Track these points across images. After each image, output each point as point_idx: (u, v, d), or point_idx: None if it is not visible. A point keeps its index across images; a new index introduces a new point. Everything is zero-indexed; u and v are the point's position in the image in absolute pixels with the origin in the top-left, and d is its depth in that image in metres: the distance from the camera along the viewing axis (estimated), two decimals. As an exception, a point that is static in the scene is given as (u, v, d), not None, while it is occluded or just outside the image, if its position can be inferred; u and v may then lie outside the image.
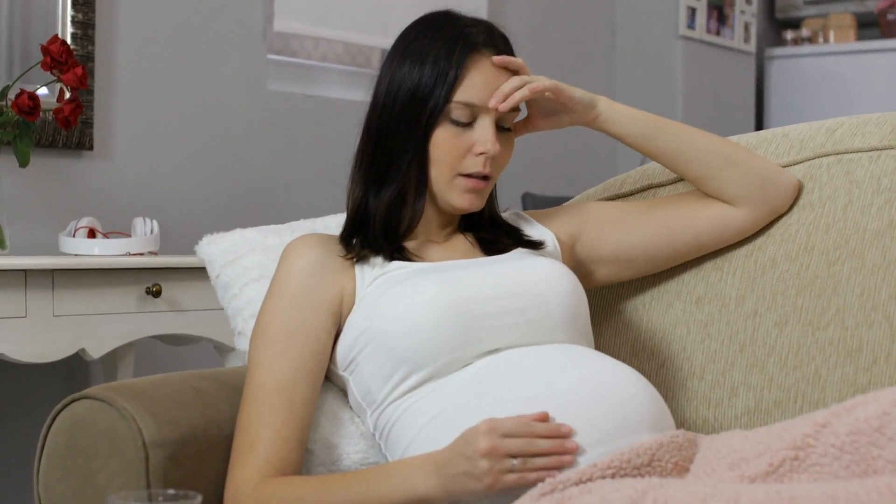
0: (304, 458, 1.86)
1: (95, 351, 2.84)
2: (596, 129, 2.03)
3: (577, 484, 1.58)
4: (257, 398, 1.83)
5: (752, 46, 6.17)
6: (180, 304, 3.01)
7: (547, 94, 1.94)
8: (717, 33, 5.87)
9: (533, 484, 1.61)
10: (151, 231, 3.12)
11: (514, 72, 1.92)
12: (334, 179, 2.12)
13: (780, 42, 6.69)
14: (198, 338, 3.10)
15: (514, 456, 1.63)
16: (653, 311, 2.15)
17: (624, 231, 2.07)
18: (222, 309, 2.59)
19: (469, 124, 1.89)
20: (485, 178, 1.91)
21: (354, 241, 1.93)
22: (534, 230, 2.06)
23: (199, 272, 2.95)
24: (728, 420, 2.04)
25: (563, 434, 1.66)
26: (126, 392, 1.86)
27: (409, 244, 1.96)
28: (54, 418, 1.88)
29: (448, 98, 1.87)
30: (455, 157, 1.89)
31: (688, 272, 2.13)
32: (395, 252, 1.92)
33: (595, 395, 1.73)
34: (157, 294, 2.93)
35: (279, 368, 1.84)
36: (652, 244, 2.07)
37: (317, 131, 4.09)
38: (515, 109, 1.93)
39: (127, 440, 1.80)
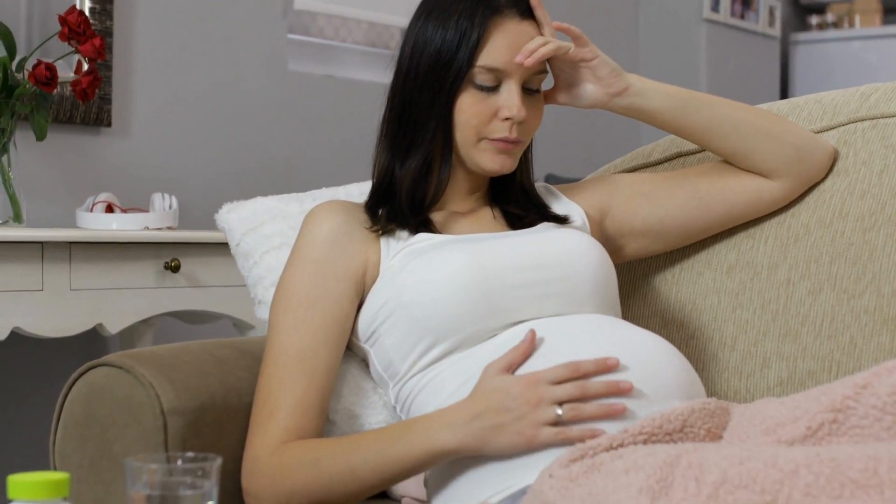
0: (325, 428, 1.82)
1: (113, 326, 2.81)
2: (623, 108, 1.96)
3: (607, 450, 1.54)
4: (277, 365, 1.79)
5: (776, 31, 6.11)
6: (199, 280, 2.97)
7: (572, 51, 1.89)
8: (742, 17, 5.82)
9: (574, 441, 1.57)
10: (170, 206, 3.08)
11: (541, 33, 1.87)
12: (353, 160, 2.09)
13: (805, 27, 6.63)
14: (217, 315, 3.07)
15: (561, 403, 1.59)
16: (682, 281, 2.10)
17: (654, 204, 2.02)
18: (242, 285, 2.55)
19: (494, 88, 1.84)
20: (516, 141, 1.86)
21: (380, 212, 1.89)
22: (561, 205, 2.01)
23: (219, 248, 2.92)
24: (760, 391, 1.99)
25: (611, 366, 1.63)
26: (144, 359, 1.82)
27: (435, 216, 1.91)
28: (71, 386, 1.84)
29: (471, 62, 1.82)
30: (481, 121, 1.84)
31: (718, 241, 2.08)
32: (420, 225, 1.87)
33: (624, 364, 1.68)
34: (175, 269, 2.89)
35: (300, 336, 1.80)
36: (683, 217, 2.02)
37: (337, 112, 4.05)
38: (543, 71, 1.88)
39: (145, 408, 1.76)
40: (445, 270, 1.77)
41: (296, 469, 1.72)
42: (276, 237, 2.03)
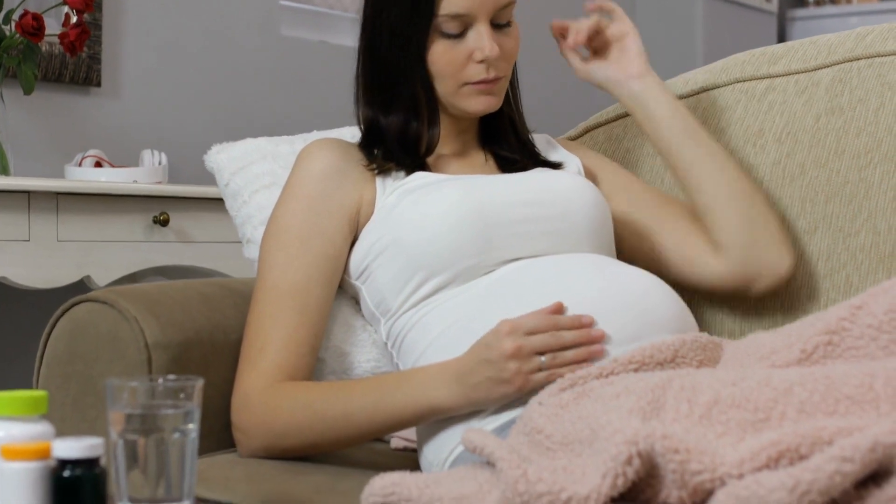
0: (315, 366, 1.79)
1: (101, 279, 2.78)
2: (630, 95, 1.93)
3: (597, 378, 1.51)
4: (269, 300, 1.76)
5: (773, 6, 6.08)
6: (189, 236, 2.94)
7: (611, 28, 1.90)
8: (738, -8, 5.79)
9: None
10: (160, 163, 3.05)
11: None
12: (345, 126, 2.07)
13: (802, 3, 6.60)
14: (206, 271, 3.04)
15: (541, 353, 1.56)
16: (676, 223, 2.07)
17: (617, 202, 1.97)
18: (232, 242, 2.53)
19: (462, 33, 1.81)
20: (495, 78, 1.84)
21: (376, 151, 1.86)
22: (558, 154, 2.00)
23: (209, 203, 2.90)
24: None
25: (586, 324, 1.59)
26: (129, 294, 1.79)
27: (429, 159, 1.88)
28: (55, 324, 1.82)
29: (433, 12, 1.79)
30: (456, 68, 1.82)
31: (712, 183, 2.05)
32: (416, 166, 1.85)
33: (618, 302, 1.66)
34: (164, 223, 2.86)
35: (293, 271, 1.77)
36: (619, 233, 1.94)
37: (330, 78, 4.02)
38: (510, 3, 1.84)
39: (129, 342, 1.73)
40: (441, 205, 1.75)
41: (288, 410, 1.69)
42: (267, 176, 2.00)
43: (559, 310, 1.61)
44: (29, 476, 1.20)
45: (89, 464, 1.20)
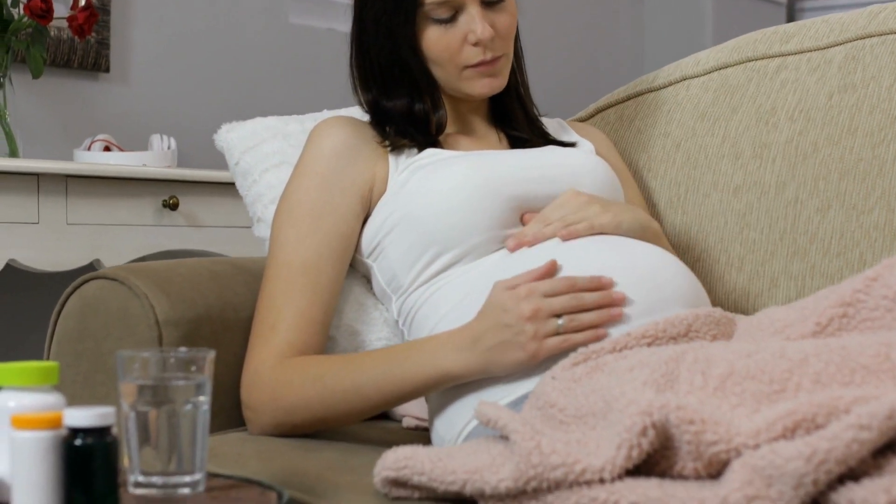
0: (326, 344, 1.78)
1: (110, 262, 2.77)
2: None
3: (610, 352, 1.50)
4: (280, 278, 1.75)
5: (782, -4, 6.06)
6: (198, 220, 2.93)
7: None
8: (747, -18, 5.77)
9: (579, 347, 1.54)
10: (169, 147, 3.05)
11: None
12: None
13: (810, -8, 6.58)
14: (215, 255, 3.03)
15: (558, 315, 1.55)
16: (689, 203, 2.07)
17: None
18: (241, 227, 2.52)
19: (454, 17, 1.80)
20: (494, 59, 1.82)
21: (388, 129, 1.85)
22: (569, 137, 1.99)
23: (218, 188, 2.89)
24: (768, 311, 1.95)
25: (605, 285, 1.58)
26: (139, 272, 1.79)
27: (441, 137, 1.88)
28: (65, 302, 1.81)
29: (417, 2, 1.79)
30: (453, 53, 1.81)
31: (724, 161, 2.05)
32: (428, 143, 1.84)
33: (630, 276, 1.64)
34: (174, 207, 2.86)
35: (305, 249, 1.76)
36: None
37: (337, 66, 4.00)
38: None
39: (139, 319, 1.73)
40: (452, 181, 1.74)
41: (298, 384, 1.68)
42: (276, 155, 1.99)
43: (552, 268, 1.60)
44: (40, 445, 1.19)
45: (101, 432, 1.19)
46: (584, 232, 1.68)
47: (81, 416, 1.19)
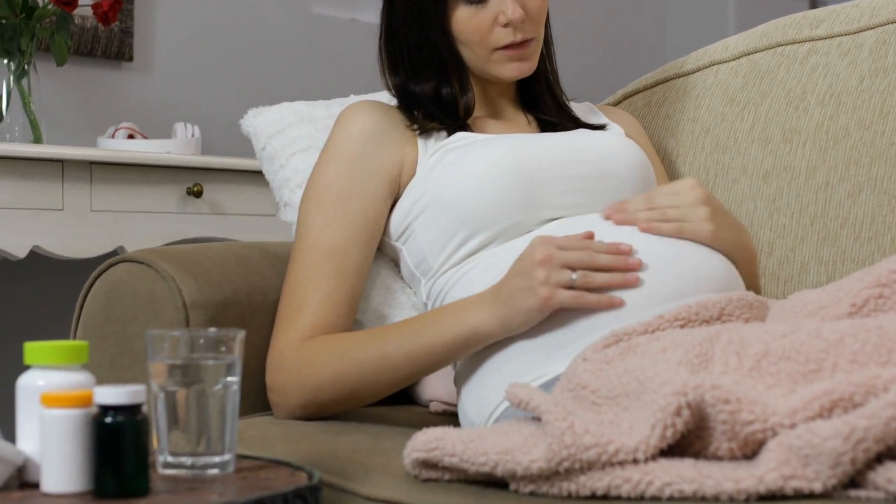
0: (352, 328, 1.77)
1: (134, 249, 2.75)
2: None
3: (643, 334, 1.49)
4: (307, 261, 1.74)
5: (806, -15, 6.04)
6: (222, 208, 2.93)
7: None
8: (770, -28, 5.74)
9: (592, 308, 1.54)
10: (193, 135, 3.04)
11: None
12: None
13: (834, -17, 6.55)
14: (239, 244, 3.03)
15: (573, 269, 1.54)
16: (718, 188, 2.05)
17: None
18: (265, 215, 2.51)
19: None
20: (524, 42, 1.81)
21: (416, 112, 1.84)
22: (599, 120, 1.98)
23: (243, 176, 2.89)
24: (798, 297, 1.94)
25: (623, 251, 1.57)
26: (166, 255, 1.78)
27: (470, 120, 1.87)
28: (91, 285, 1.80)
29: None
30: (483, 34, 1.80)
31: (754, 146, 2.03)
32: (458, 127, 1.83)
33: (663, 258, 1.63)
34: (198, 195, 2.85)
35: (332, 232, 1.75)
36: None
37: (360, 56, 3.99)
38: None
39: (166, 302, 1.72)
40: (484, 162, 1.73)
41: (324, 361, 1.67)
42: (303, 140, 1.99)
43: (590, 236, 1.60)
44: (70, 423, 1.19)
45: (131, 410, 1.19)
46: (668, 233, 1.66)
47: (112, 394, 1.18)
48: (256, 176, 2.91)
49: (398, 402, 1.89)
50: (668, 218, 1.66)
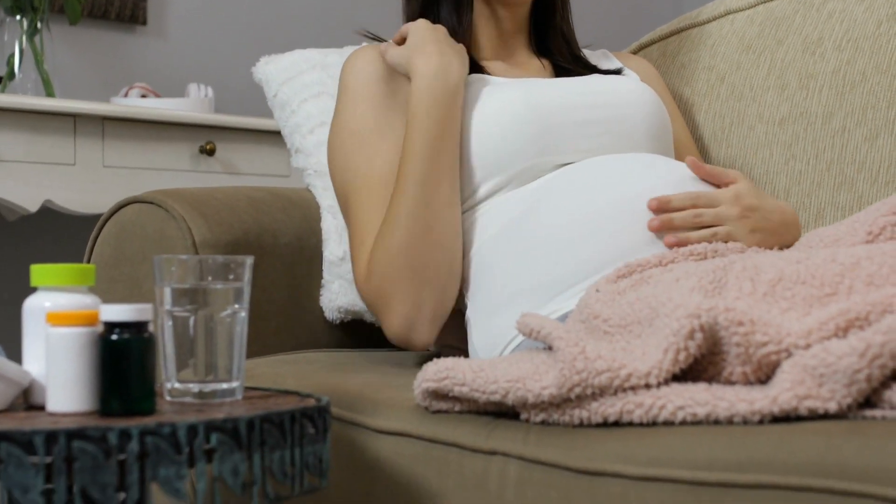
0: None
1: (147, 206, 2.76)
2: None
3: (656, 266, 1.47)
4: (361, 196, 1.72)
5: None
6: (235, 167, 2.91)
7: None
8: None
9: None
10: (206, 95, 3.03)
11: None
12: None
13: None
14: (252, 202, 3.02)
15: None
16: (733, 136, 2.03)
17: None
18: (279, 175, 2.49)
19: None
20: None
21: None
22: (614, 65, 1.96)
23: (255, 135, 2.87)
24: (814, 243, 1.92)
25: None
26: (176, 195, 1.77)
27: (484, 63, 1.85)
28: (101, 227, 1.79)
29: None
30: None
31: (770, 93, 2.01)
32: (472, 68, 1.81)
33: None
34: (210, 153, 2.84)
35: (378, 166, 1.73)
36: None
37: (377, 18, 3.97)
38: None
39: (176, 241, 1.71)
40: (498, 105, 1.72)
41: (384, 246, 1.65)
42: (316, 86, 1.97)
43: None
44: (76, 341, 1.17)
45: (137, 327, 1.17)
46: (695, 241, 1.59)
47: (118, 311, 1.17)
48: (269, 136, 2.90)
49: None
50: (706, 224, 1.60)
